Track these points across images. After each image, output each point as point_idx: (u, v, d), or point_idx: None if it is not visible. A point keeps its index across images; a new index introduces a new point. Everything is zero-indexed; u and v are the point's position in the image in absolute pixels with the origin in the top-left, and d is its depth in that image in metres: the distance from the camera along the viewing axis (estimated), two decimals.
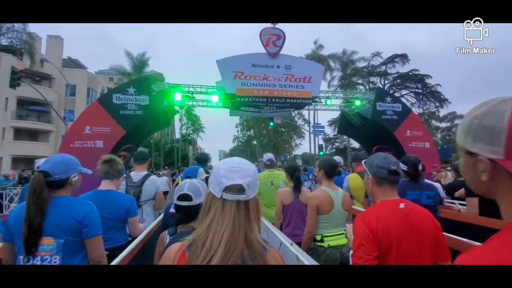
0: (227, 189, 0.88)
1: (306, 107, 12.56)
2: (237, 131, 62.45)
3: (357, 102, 11.32)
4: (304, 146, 56.45)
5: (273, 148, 52.71)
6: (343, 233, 2.48)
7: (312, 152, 32.69)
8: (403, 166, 2.53)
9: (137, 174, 3.22)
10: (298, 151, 59.43)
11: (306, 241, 2.49)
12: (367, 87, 30.20)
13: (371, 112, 11.08)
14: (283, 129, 53.96)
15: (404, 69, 32.04)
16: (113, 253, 2.13)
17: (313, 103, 11.31)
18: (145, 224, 3.06)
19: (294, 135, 55.68)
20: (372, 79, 32.54)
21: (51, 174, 1.61)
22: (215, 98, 10.18)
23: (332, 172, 2.61)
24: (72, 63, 33.63)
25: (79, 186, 1.86)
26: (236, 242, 0.83)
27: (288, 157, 50.14)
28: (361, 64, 31.72)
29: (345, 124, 13.72)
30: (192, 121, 56.70)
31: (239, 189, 0.88)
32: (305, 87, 10.49)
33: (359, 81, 32.37)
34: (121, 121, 9.20)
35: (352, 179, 3.79)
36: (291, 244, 2.01)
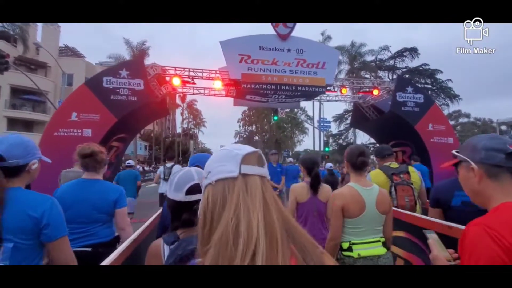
0: (245, 160, 0.64)
1: (317, 97, 11.53)
2: (239, 126, 61.87)
3: (375, 92, 10.24)
4: (306, 142, 55.66)
5: (275, 144, 52.03)
6: (379, 241, 1.97)
7: (316, 148, 31.86)
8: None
9: (169, 163, 6.26)
10: (300, 148, 58.80)
11: (329, 251, 1.97)
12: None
13: (391, 103, 10.04)
14: (285, 125, 53.24)
15: (413, 63, 31.01)
16: (96, 250, 1.91)
17: (325, 93, 10.25)
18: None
19: (296, 131, 54.98)
20: (380, 73, 31.42)
21: (7, 158, 1.31)
22: (218, 84, 9.13)
23: (356, 163, 2.06)
24: (70, 52, 32.51)
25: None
26: (275, 226, 0.58)
27: (290, 153, 49.38)
28: (369, 58, 30.69)
29: (358, 117, 12.69)
30: (193, 116, 55.97)
31: (259, 160, 0.67)
32: (319, 74, 9.42)
33: (367, 75, 31.24)
34: (112, 107, 8.18)
35: (374, 175, 3.05)
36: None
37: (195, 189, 1.19)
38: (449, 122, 10.90)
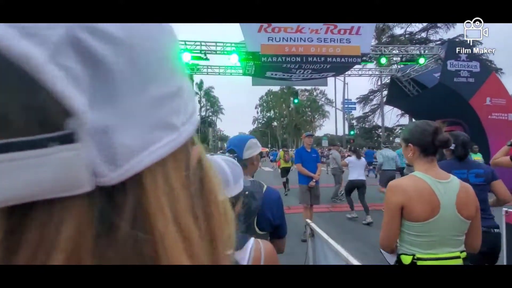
0: None
1: (346, 73, 10.05)
2: (257, 112, 60.79)
3: (421, 60, 8.64)
4: (326, 127, 53.93)
5: (294, 129, 50.63)
6: (459, 257, 1.33)
7: (339, 132, 30.19)
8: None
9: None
10: (320, 133, 57.07)
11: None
12: (404, 59, 26.87)
13: (441, 72, 8.44)
14: (304, 109, 51.61)
15: (448, 35, 28.11)
16: None
17: (361, 63, 8.78)
18: None
19: (316, 115, 53.26)
20: (410, 47, 28.86)
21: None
22: (234, 59, 7.95)
23: (432, 143, 1.35)
24: None
25: None
26: None
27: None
28: (397, 32, 28.08)
29: (395, 94, 11.11)
30: (211, 103, 55.52)
31: None
32: (352, 41, 7.96)
33: (395, 52, 28.78)
34: None
35: None
36: None
37: None
38: (510, 95, 9.08)
